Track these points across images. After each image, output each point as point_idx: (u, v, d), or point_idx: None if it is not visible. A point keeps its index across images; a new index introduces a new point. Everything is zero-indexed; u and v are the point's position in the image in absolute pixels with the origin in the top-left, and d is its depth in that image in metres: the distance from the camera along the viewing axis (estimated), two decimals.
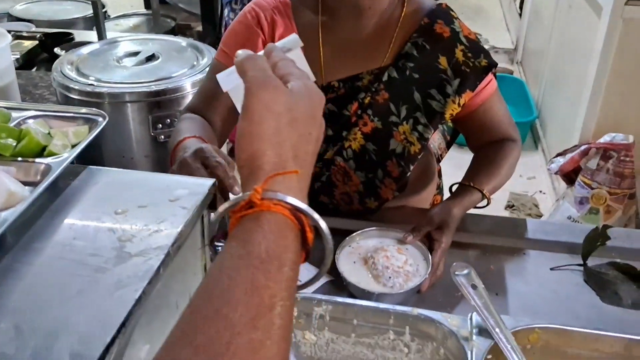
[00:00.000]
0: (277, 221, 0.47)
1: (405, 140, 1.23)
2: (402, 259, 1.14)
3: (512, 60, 4.67)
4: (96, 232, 0.62)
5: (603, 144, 2.50)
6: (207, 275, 0.45)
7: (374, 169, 1.25)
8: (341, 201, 1.30)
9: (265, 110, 0.51)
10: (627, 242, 1.25)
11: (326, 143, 1.25)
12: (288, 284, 0.45)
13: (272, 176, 0.49)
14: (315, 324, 0.91)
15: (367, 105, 1.22)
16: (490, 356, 0.82)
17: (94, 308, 0.53)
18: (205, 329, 0.40)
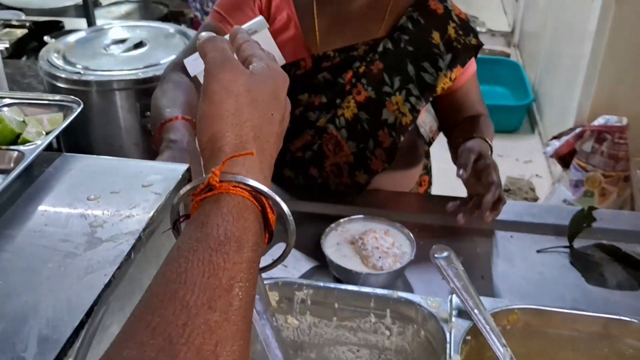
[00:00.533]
0: (236, 203, 0.47)
1: (397, 110, 1.25)
2: (389, 241, 1.15)
3: (509, 43, 4.64)
4: (68, 218, 0.62)
5: (597, 127, 2.50)
6: (166, 258, 0.45)
7: (366, 139, 1.27)
8: (331, 174, 1.31)
9: (224, 91, 0.51)
10: (613, 224, 1.25)
11: (319, 110, 1.26)
12: (248, 265, 0.45)
13: (230, 158, 0.49)
14: (297, 309, 0.91)
15: (361, 74, 1.24)
16: (469, 337, 0.83)
17: (63, 293, 0.54)
18: (161, 312, 0.41)
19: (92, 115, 1.74)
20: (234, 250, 0.45)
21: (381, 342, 0.91)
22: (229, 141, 0.50)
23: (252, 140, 0.51)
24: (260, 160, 0.51)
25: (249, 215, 0.47)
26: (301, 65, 1.24)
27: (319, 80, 1.24)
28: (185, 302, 0.41)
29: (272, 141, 0.53)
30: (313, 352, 0.95)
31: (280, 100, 0.55)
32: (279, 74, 0.56)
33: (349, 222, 1.20)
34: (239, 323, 0.42)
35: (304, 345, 0.94)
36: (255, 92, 0.52)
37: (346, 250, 1.15)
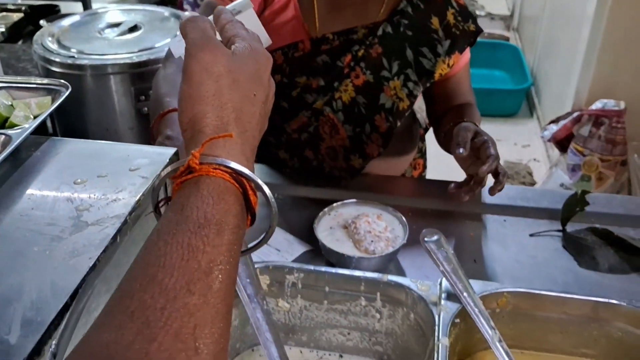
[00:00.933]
0: (216, 186, 0.47)
1: (395, 95, 1.25)
2: (382, 225, 1.15)
3: (509, 27, 4.62)
4: (54, 202, 0.62)
5: (595, 111, 2.49)
6: (146, 241, 0.45)
7: (362, 123, 1.26)
8: (326, 156, 1.31)
9: (205, 72, 0.51)
10: (606, 208, 1.25)
11: (317, 93, 1.25)
12: (229, 248, 0.45)
13: (209, 140, 0.48)
14: (288, 292, 0.92)
15: (360, 58, 1.23)
16: (458, 320, 0.83)
17: (48, 276, 0.54)
18: (140, 295, 0.41)
19: (87, 100, 1.73)
20: (213, 233, 0.44)
21: (371, 325, 0.92)
22: (210, 122, 0.50)
23: (234, 122, 0.50)
24: (242, 141, 0.51)
25: (229, 198, 0.47)
26: (299, 48, 1.23)
27: (317, 63, 1.24)
28: (164, 286, 0.41)
29: (255, 122, 0.53)
30: (304, 335, 0.95)
31: (263, 80, 0.55)
32: (261, 55, 0.55)
33: (342, 206, 1.20)
34: (218, 306, 0.42)
35: (295, 328, 0.95)
36: (237, 72, 0.52)
37: (339, 234, 1.15)
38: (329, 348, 0.95)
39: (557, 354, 0.90)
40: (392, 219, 1.17)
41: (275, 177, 1.34)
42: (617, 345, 0.87)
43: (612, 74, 2.51)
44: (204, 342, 0.40)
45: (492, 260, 1.14)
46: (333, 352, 0.95)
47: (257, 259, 1.12)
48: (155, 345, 0.38)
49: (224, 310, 0.43)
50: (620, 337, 0.86)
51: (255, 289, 0.83)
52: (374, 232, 1.12)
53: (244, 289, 0.83)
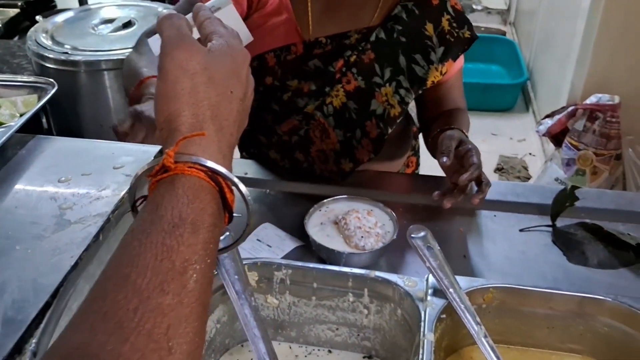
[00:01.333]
0: (191, 184, 0.47)
1: (386, 102, 1.24)
2: (372, 221, 1.15)
3: (505, 21, 4.61)
4: (38, 200, 0.62)
5: (589, 105, 2.49)
6: (120, 241, 0.45)
7: (353, 128, 1.26)
8: (317, 159, 1.31)
9: (179, 70, 0.50)
10: (597, 203, 1.26)
11: (308, 97, 1.25)
12: (204, 247, 0.45)
13: (184, 138, 0.48)
14: (277, 288, 0.92)
15: (352, 64, 1.22)
16: (444, 315, 0.83)
17: (30, 275, 0.54)
18: (113, 295, 0.41)
19: (81, 96, 1.74)
20: (188, 232, 0.44)
21: (359, 321, 0.92)
22: (185, 121, 0.50)
23: (210, 120, 0.50)
24: (219, 139, 0.50)
25: (204, 196, 0.47)
26: (292, 51, 1.23)
27: (309, 67, 1.23)
28: (137, 286, 0.41)
29: (232, 119, 0.53)
30: (293, 330, 0.96)
31: (241, 77, 0.54)
32: (238, 51, 0.55)
33: (333, 202, 1.21)
34: (192, 305, 0.42)
35: (284, 324, 0.95)
36: (212, 70, 0.52)
37: (329, 230, 1.16)
38: (318, 344, 0.96)
39: (544, 349, 0.90)
40: (383, 214, 1.18)
41: (266, 173, 1.35)
42: (603, 340, 0.87)
43: (606, 69, 2.51)
44: (177, 342, 0.40)
45: (482, 256, 1.15)
46: (322, 347, 0.96)
47: (245, 255, 1.12)
48: (127, 346, 0.38)
49: (199, 309, 0.43)
50: (606, 332, 0.87)
51: (243, 285, 0.83)
52: (364, 228, 1.13)
53: (232, 286, 0.83)
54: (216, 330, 0.91)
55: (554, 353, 0.90)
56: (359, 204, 1.20)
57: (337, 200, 1.20)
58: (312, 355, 0.95)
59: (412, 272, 1.08)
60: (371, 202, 1.19)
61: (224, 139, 0.51)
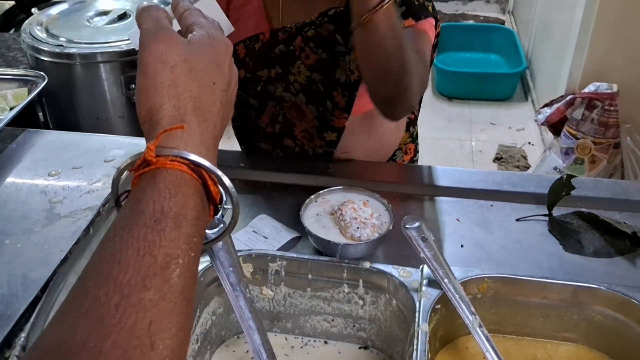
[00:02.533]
0: (173, 178, 0.46)
1: (348, 69, 1.24)
2: (368, 211, 1.15)
3: (504, 10, 4.59)
4: (28, 194, 0.62)
5: (588, 94, 2.48)
6: (103, 237, 0.45)
7: (323, 101, 1.27)
8: (303, 139, 1.32)
9: (159, 63, 0.50)
10: (593, 192, 1.25)
11: (276, 81, 1.26)
12: (187, 241, 0.45)
13: (164, 132, 0.48)
14: (272, 280, 0.92)
15: (309, 38, 1.23)
16: (438, 306, 0.84)
17: (19, 269, 0.54)
18: (95, 292, 0.40)
19: (77, 89, 1.73)
20: (170, 226, 0.44)
21: (355, 312, 0.92)
22: (166, 114, 0.49)
23: (191, 112, 0.49)
24: (201, 131, 0.50)
25: (187, 190, 0.47)
26: (260, 39, 1.24)
27: (275, 54, 1.25)
28: (119, 282, 0.40)
29: (215, 110, 0.52)
30: (289, 322, 0.96)
31: (223, 68, 0.54)
32: (219, 42, 0.54)
33: (329, 193, 1.20)
34: (175, 300, 0.42)
35: (280, 315, 0.95)
36: (193, 61, 0.51)
37: (325, 221, 1.15)
38: (314, 334, 0.96)
39: (538, 338, 0.90)
40: (379, 205, 1.18)
41: (262, 164, 1.34)
42: (597, 328, 0.87)
43: (605, 57, 2.50)
44: (160, 337, 0.40)
45: (478, 246, 1.14)
46: (318, 338, 0.96)
47: (240, 246, 1.12)
48: (109, 343, 0.38)
49: (183, 304, 0.43)
50: (601, 321, 0.87)
51: (238, 277, 0.83)
52: (360, 219, 1.13)
53: (227, 278, 0.83)
54: (212, 322, 0.91)
55: (549, 342, 0.91)
56: (355, 195, 1.20)
57: (333, 191, 1.20)
58: (308, 346, 0.95)
59: (409, 262, 1.07)
60: (367, 193, 1.19)
61: (207, 131, 0.51)
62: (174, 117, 0.49)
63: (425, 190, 1.25)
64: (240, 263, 0.85)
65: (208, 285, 0.89)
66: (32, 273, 0.53)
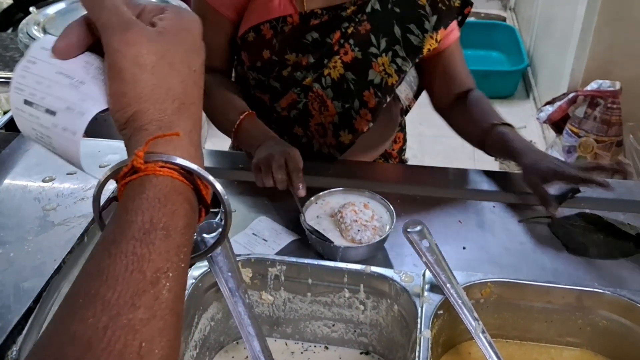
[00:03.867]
0: (163, 186, 0.44)
1: (383, 71, 1.26)
2: (369, 213, 1.14)
3: (505, 7, 4.57)
4: (21, 201, 0.61)
5: (590, 92, 2.47)
6: (92, 250, 0.42)
7: (351, 99, 1.28)
8: (316, 133, 1.32)
9: (136, 67, 0.45)
10: (596, 192, 1.23)
11: (306, 70, 1.26)
12: (177, 252, 0.43)
13: (154, 139, 0.45)
14: (271, 285, 0.91)
15: (349, 35, 1.24)
16: (441, 311, 0.82)
17: (11, 280, 0.53)
18: (82, 313, 0.38)
19: None
20: (160, 238, 0.42)
21: (356, 317, 0.91)
22: (152, 118, 0.45)
23: (177, 111, 0.46)
24: (189, 129, 0.47)
25: (177, 197, 0.44)
26: (288, 21, 1.23)
27: (307, 40, 1.24)
28: (107, 302, 0.38)
29: (197, 98, 0.48)
30: (289, 327, 0.95)
31: (199, 50, 0.49)
32: (191, 21, 0.49)
33: (329, 195, 1.19)
34: (166, 317, 0.40)
35: (280, 320, 0.94)
36: (171, 54, 0.46)
37: (326, 223, 1.14)
38: (314, 340, 0.95)
39: (542, 343, 0.89)
40: (379, 207, 1.16)
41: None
42: (602, 333, 0.86)
43: (607, 54, 2.48)
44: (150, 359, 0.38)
45: (481, 248, 1.13)
46: (318, 343, 0.95)
47: (243, 249, 1.11)
48: None
49: (173, 320, 0.41)
50: (605, 326, 0.85)
51: (237, 282, 0.82)
52: (361, 221, 1.11)
53: (226, 283, 0.82)
54: (210, 328, 0.90)
55: (553, 347, 0.89)
56: (355, 197, 1.19)
57: (333, 192, 1.19)
58: (308, 351, 0.94)
59: (411, 265, 1.07)
60: (368, 194, 1.18)
61: (194, 127, 0.48)
62: (160, 121, 0.46)
63: (427, 191, 1.23)
64: (239, 268, 0.84)
65: (206, 290, 0.88)
66: (25, 283, 0.52)
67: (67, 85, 0.46)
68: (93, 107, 0.46)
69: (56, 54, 0.47)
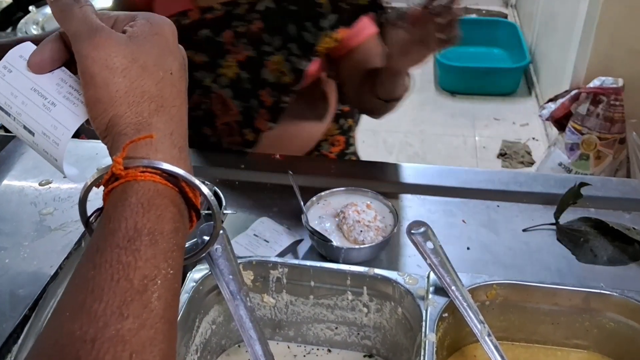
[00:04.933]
0: (145, 191, 0.43)
1: (277, 70, 1.24)
2: (371, 214, 1.13)
3: (507, 3, 4.55)
4: (18, 205, 0.60)
5: (593, 89, 2.45)
6: (77, 262, 0.41)
7: (249, 98, 1.27)
8: (223, 132, 1.32)
9: (106, 71, 0.44)
10: (601, 191, 1.22)
11: (203, 69, 1.24)
12: (165, 257, 0.41)
13: (130, 143, 0.44)
14: (273, 287, 0.90)
15: (241, 34, 1.22)
16: (446, 314, 0.81)
17: (7, 287, 0.51)
18: (69, 326, 0.37)
19: None
20: (145, 244, 0.40)
21: (359, 319, 0.90)
22: (129, 122, 0.45)
23: (155, 113, 0.45)
24: (171, 131, 0.46)
25: (162, 201, 0.43)
26: (189, 16, 1.20)
27: (199, 38, 1.21)
28: (93, 313, 0.37)
29: (179, 102, 0.48)
30: (291, 330, 0.93)
31: (175, 53, 0.49)
32: (163, 25, 0.48)
33: (331, 195, 1.18)
34: (157, 325, 0.39)
35: (282, 323, 0.93)
36: (143, 57, 0.46)
37: (328, 224, 1.13)
38: (317, 343, 0.93)
39: (549, 345, 0.88)
40: (382, 206, 1.15)
41: (263, 165, 1.32)
42: (610, 336, 0.85)
43: (610, 51, 2.46)
44: None
45: (485, 248, 1.12)
46: (321, 346, 0.94)
47: (244, 250, 1.10)
48: None
49: (165, 328, 0.40)
50: (613, 328, 0.84)
51: (238, 285, 0.81)
52: (363, 222, 1.10)
53: (227, 286, 0.81)
54: (211, 331, 0.89)
55: (560, 349, 0.88)
56: (357, 197, 1.17)
57: (335, 193, 1.18)
58: (311, 354, 0.93)
59: (414, 265, 1.05)
60: (370, 194, 1.17)
61: (176, 129, 0.46)
62: (138, 124, 0.45)
63: (431, 191, 1.22)
64: (240, 270, 0.82)
65: (207, 293, 0.87)
66: (20, 290, 0.51)
67: (41, 107, 0.47)
68: (63, 136, 0.47)
69: (31, 68, 0.47)
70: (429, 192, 1.21)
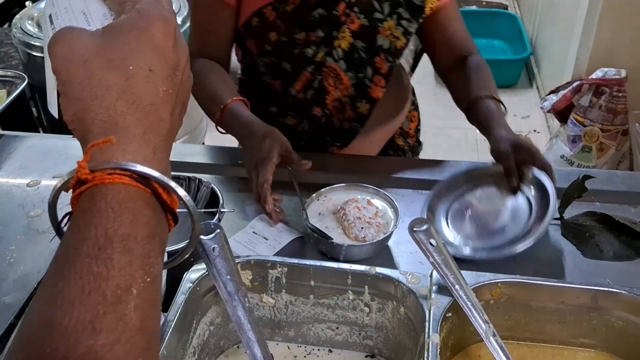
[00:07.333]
0: (115, 194, 0.40)
1: (391, 35, 1.28)
2: (372, 210, 1.11)
3: None
4: (4, 207, 0.57)
5: (595, 80, 2.42)
6: (45, 273, 0.38)
7: (364, 67, 1.29)
8: (334, 109, 1.33)
9: (68, 63, 0.42)
10: (606, 185, 1.20)
11: (317, 45, 1.26)
12: (141, 263, 0.39)
13: (92, 147, 0.41)
14: (272, 287, 0.87)
15: (353, 3, 1.25)
16: (449, 314, 0.79)
17: None
18: (38, 344, 0.35)
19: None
20: (118, 252, 0.38)
21: (360, 319, 0.88)
22: (95, 117, 0.42)
23: (125, 110, 0.42)
24: (143, 130, 0.42)
25: (134, 204, 0.40)
26: (289, 1, 1.22)
27: (314, 17, 1.23)
28: (63, 329, 0.35)
29: (160, 102, 0.44)
30: (291, 330, 0.91)
31: (162, 50, 0.45)
32: (154, 20, 0.45)
33: (331, 191, 1.16)
34: (134, 338, 0.36)
35: (282, 323, 0.91)
36: (110, 50, 0.43)
37: (328, 221, 1.11)
38: (318, 343, 0.91)
39: (555, 344, 0.86)
40: (383, 202, 1.13)
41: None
42: (618, 334, 0.83)
43: (612, 42, 2.43)
44: None
45: None
46: (322, 347, 0.91)
47: (243, 248, 1.07)
48: None
49: (143, 341, 0.37)
50: (621, 326, 0.82)
51: (236, 286, 0.78)
52: (364, 219, 1.08)
53: (224, 286, 0.78)
54: (209, 333, 0.87)
55: (566, 348, 0.86)
56: (358, 193, 1.15)
57: (335, 189, 1.15)
58: (311, 355, 0.91)
59: (416, 263, 1.03)
60: (371, 190, 1.14)
61: (151, 129, 0.43)
62: (105, 121, 0.42)
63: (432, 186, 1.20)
64: (238, 270, 0.80)
65: (205, 294, 0.84)
66: (6, 297, 0.48)
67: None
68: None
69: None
70: (431, 186, 1.19)
